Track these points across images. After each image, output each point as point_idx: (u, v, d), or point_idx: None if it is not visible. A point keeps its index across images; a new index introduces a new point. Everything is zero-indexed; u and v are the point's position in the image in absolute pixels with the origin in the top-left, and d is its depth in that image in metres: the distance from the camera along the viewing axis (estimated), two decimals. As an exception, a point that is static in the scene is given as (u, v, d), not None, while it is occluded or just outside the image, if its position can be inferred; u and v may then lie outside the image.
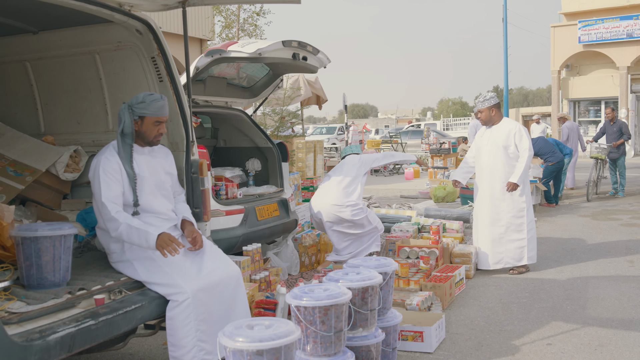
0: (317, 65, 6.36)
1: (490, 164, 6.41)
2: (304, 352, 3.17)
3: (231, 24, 17.60)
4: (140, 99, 3.59)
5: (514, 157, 6.33)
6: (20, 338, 2.55)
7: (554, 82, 27.81)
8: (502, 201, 6.36)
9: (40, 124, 4.72)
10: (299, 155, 8.51)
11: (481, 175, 6.53)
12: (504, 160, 6.33)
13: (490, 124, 6.50)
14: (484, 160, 6.48)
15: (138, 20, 3.94)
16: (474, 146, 6.72)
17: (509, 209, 6.34)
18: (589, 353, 4.16)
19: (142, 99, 3.58)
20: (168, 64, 4.09)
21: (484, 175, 6.49)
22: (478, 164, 6.58)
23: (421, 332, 4.22)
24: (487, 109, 6.44)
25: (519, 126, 6.40)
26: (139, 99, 3.59)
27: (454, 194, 11.13)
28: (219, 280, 3.51)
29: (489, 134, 6.48)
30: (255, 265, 5.07)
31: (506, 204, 6.35)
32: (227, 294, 3.54)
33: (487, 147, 6.45)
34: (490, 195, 6.42)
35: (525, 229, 6.35)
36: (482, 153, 6.50)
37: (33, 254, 2.99)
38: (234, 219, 5.26)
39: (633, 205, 11.24)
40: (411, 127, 32.65)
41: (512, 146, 6.32)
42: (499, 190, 6.36)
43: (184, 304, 3.31)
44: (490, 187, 6.42)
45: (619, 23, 25.43)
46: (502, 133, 6.37)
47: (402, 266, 5.41)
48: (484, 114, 6.46)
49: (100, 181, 3.43)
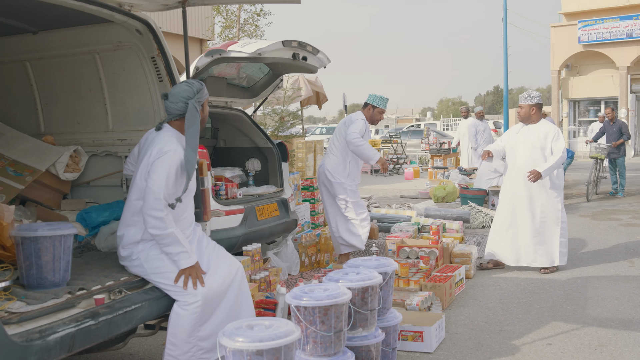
0: (317, 65, 6.35)
1: (526, 162, 6.35)
2: (304, 352, 3.17)
3: (232, 24, 17.60)
4: (197, 87, 3.54)
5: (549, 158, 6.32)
6: (20, 338, 2.55)
7: (553, 82, 27.81)
8: (538, 199, 6.35)
9: (40, 124, 4.72)
10: (299, 155, 8.51)
11: (515, 173, 6.46)
12: (541, 160, 6.29)
13: (527, 121, 6.46)
14: (519, 158, 6.43)
15: (138, 20, 3.94)
16: (506, 140, 6.62)
17: (543, 208, 6.34)
18: (589, 353, 4.16)
19: (200, 87, 3.55)
20: (168, 63, 4.10)
21: (518, 174, 6.42)
22: (511, 162, 6.53)
23: (421, 332, 4.22)
24: (528, 106, 6.41)
25: (557, 129, 6.39)
26: (198, 87, 3.54)
27: (454, 194, 11.13)
28: (223, 280, 3.51)
29: (526, 133, 6.43)
30: (255, 265, 5.06)
31: (541, 202, 6.34)
32: (231, 293, 3.55)
33: (523, 145, 6.40)
34: (525, 193, 6.38)
35: (559, 229, 6.35)
36: (518, 151, 6.45)
37: (33, 254, 2.99)
38: (234, 219, 5.25)
39: (633, 205, 11.24)
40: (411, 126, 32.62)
41: (548, 147, 6.30)
42: (536, 188, 6.33)
43: (193, 305, 3.32)
44: (526, 185, 6.36)
45: (619, 23, 25.44)
46: (540, 133, 6.34)
47: (402, 266, 5.41)
48: (524, 110, 6.44)
49: (167, 176, 3.34)
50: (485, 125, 13.95)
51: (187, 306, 3.31)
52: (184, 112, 3.52)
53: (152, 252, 3.43)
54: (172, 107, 3.53)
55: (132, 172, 3.74)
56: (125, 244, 3.48)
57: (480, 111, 13.88)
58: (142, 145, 3.65)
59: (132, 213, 3.49)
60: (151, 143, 3.51)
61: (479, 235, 7.92)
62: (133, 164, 3.76)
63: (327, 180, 6.42)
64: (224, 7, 17.50)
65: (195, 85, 3.54)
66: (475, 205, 9.35)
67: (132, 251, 3.46)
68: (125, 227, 3.50)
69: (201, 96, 3.55)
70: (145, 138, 3.65)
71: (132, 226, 3.48)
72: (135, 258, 3.44)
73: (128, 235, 3.47)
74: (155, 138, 3.52)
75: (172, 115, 3.56)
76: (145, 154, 3.49)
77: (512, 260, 6.46)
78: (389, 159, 19.13)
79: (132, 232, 3.47)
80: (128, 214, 3.52)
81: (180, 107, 3.51)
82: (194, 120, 3.47)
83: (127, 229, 3.49)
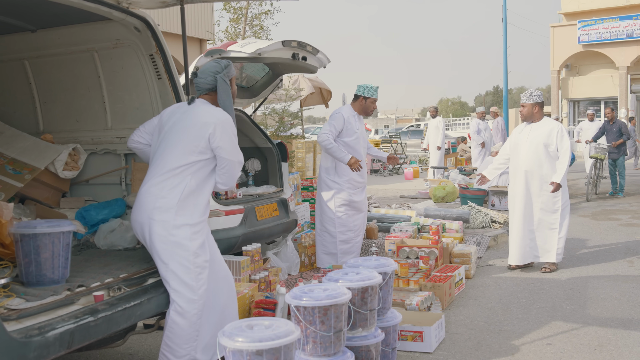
0: (317, 65, 6.35)
1: (528, 161, 6.36)
2: (304, 352, 3.17)
3: (239, 19, 17.52)
4: (225, 63, 3.64)
5: (554, 155, 6.31)
6: (19, 334, 2.54)
7: (553, 82, 27.84)
8: (539, 197, 6.35)
9: (39, 122, 4.72)
10: (299, 155, 8.49)
11: (517, 171, 6.47)
12: (545, 158, 6.30)
13: (530, 120, 6.48)
14: (522, 157, 6.43)
15: (136, 18, 3.94)
16: (510, 143, 6.64)
17: (543, 206, 6.34)
18: (589, 353, 4.15)
19: (227, 63, 3.65)
20: (166, 61, 4.09)
21: (520, 172, 6.43)
22: (514, 161, 6.53)
23: (421, 332, 4.21)
24: (530, 105, 6.43)
25: (560, 126, 6.40)
26: (226, 64, 3.65)
27: (454, 194, 11.13)
28: (218, 282, 3.52)
29: (529, 132, 6.44)
30: (254, 265, 5.05)
31: (542, 200, 6.34)
32: (224, 294, 3.58)
33: (526, 144, 6.41)
34: (525, 192, 6.39)
35: (557, 227, 6.36)
36: (520, 150, 6.45)
37: (32, 251, 2.99)
38: (234, 219, 5.24)
39: (633, 205, 11.24)
40: (411, 126, 32.63)
41: (553, 145, 6.29)
42: (536, 187, 6.34)
43: (195, 313, 3.34)
44: (526, 183, 6.37)
45: (619, 23, 25.46)
46: (543, 131, 6.35)
47: (402, 266, 5.40)
48: (526, 109, 6.45)
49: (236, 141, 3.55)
50: (486, 125, 14.14)
51: (186, 313, 3.32)
52: (213, 85, 3.60)
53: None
54: (202, 82, 3.60)
55: (140, 144, 3.71)
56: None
57: (482, 112, 14.17)
58: (165, 118, 3.60)
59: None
60: (190, 115, 3.50)
61: (479, 235, 7.92)
62: (146, 134, 3.70)
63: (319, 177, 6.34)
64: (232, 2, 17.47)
65: (223, 62, 3.65)
66: (475, 205, 9.34)
67: None
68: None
69: (229, 71, 3.64)
70: (172, 111, 3.61)
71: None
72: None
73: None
74: (192, 110, 3.53)
75: (202, 89, 3.62)
76: (184, 123, 3.46)
77: (517, 259, 6.46)
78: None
79: None
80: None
81: (210, 81, 3.58)
82: (226, 93, 3.59)
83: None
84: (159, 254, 3.33)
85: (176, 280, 3.31)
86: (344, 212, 6.14)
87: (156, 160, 3.48)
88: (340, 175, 6.15)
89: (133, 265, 3.56)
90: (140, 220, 3.38)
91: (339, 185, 6.15)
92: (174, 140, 3.44)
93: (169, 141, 3.46)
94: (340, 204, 6.13)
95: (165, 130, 3.53)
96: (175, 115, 3.55)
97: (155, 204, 3.33)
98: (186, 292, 3.32)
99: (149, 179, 3.44)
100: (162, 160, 3.43)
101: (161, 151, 3.47)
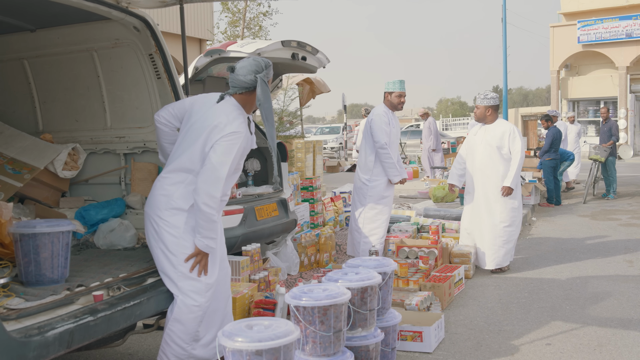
0: (316, 65, 6.35)
1: (483, 164, 6.41)
2: (303, 352, 3.16)
3: (237, 21, 17.53)
4: (266, 62, 3.48)
5: (507, 158, 6.34)
6: (19, 334, 2.54)
7: (553, 82, 27.84)
8: (495, 202, 6.36)
9: (38, 121, 4.71)
10: (298, 155, 8.48)
11: (474, 174, 6.52)
12: (498, 160, 6.34)
13: (482, 121, 6.53)
14: (477, 160, 6.48)
15: (135, 17, 3.94)
16: (466, 145, 6.71)
17: (501, 209, 6.34)
18: (588, 353, 4.15)
19: (268, 63, 3.50)
20: (166, 60, 4.09)
21: (476, 175, 6.49)
22: (470, 163, 6.56)
23: (420, 332, 4.21)
24: (483, 107, 6.48)
25: (513, 128, 6.41)
26: (267, 63, 3.49)
27: (453, 194, 11.11)
28: (219, 284, 3.53)
29: (483, 134, 6.49)
30: (254, 265, 5.05)
31: (499, 204, 6.35)
32: (225, 294, 3.58)
33: (480, 147, 6.46)
34: (483, 195, 6.42)
35: (513, 229, 6.38)
36: (476, 152, 6.50)
37: (31, 251, 2.99)
38: (233, 219, 5.24)
39: (632, 205, 11.24)
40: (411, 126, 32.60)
41: (505, 147, 6.32)
42: (492, 190, 6.36)
43: (198, 314, 3.34)
44: (483, 186, 6.42)
45: (618, 23, 25.46)
46: (496, 133, 6.38)
47: (402, 266, 5.40)
48: (479, 111, 6.52)
49: (234, 158, 3.32)
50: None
51: (189, 313, 3.32)
52: (252, 85, 3.44)
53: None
54: (241, 80, 3.44)
55: (165, 125, 3.60)
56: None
57: None
58: (195, 109, 3.48)
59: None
60: (211, 114, 3.38)
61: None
62: (172, 118, 3.58)
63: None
64: (231, 4, 17.48)
65: (264, 61, 3.49)
66: (474, 205, 9.32)
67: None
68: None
69: (269, 72, 3.50)
70: (203, 103, 3.49)
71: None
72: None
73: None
74: (218, 110, 3.39)
75: (238, 88, 3.46)
76: (203, 123, 3.36)
77: (493, 262, 6.43)
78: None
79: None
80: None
81: (250, 80, 3.42)
82: (266, 96, 3.40)
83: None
84: (167, 246, 3.34)
85: (179, 275, 3.34)
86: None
87: (177, 151, 3.45)
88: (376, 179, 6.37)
89: (132, 265, 3.56)
90: (150, 212, 3.42)
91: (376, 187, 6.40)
92: (192, 139, 3.39)
93: (190, 139, 3.40)
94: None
95: (190, 123, 3.45)
96: (202, 110, 3.44)
97: (169, 194, 3.37)
98: (192, 285, 3.33)
99: (167, 169, 3.46)
100: (181, 157, 3.41)
101: (184, 147, 3.42)
